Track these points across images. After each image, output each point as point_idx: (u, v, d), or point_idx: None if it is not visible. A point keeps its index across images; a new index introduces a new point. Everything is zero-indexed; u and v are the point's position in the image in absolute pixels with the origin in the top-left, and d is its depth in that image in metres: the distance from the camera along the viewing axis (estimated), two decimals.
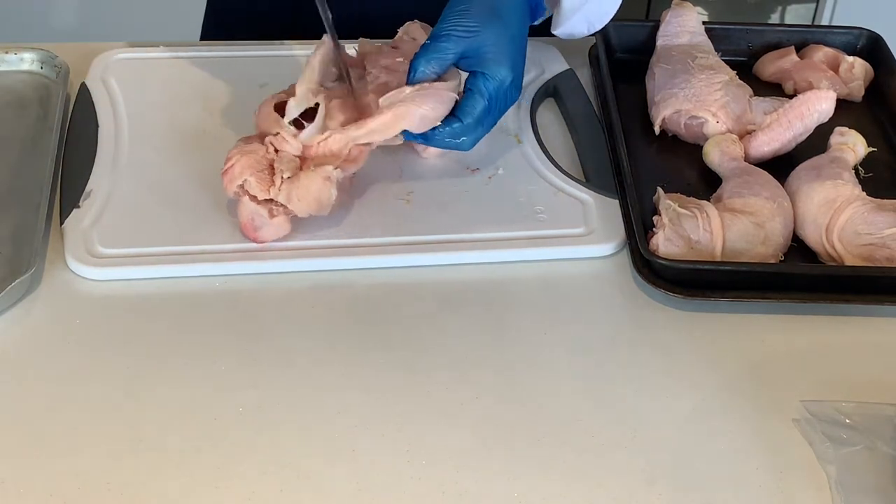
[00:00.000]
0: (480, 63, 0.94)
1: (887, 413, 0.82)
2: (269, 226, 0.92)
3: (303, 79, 0.95)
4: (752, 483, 0.78)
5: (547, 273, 0.94)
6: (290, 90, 0.96)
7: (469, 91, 0.94)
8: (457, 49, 0.93)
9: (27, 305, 0.89)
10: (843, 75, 1.13)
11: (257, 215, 0.92)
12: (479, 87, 0.93)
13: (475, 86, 0.94)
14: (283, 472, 0.77)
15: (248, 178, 0.91)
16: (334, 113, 0.94)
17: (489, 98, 0.94)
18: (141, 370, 0.84)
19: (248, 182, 0.91)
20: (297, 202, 0.91)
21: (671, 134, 1.08)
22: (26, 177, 0.99)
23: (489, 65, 0.93)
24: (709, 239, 0.92)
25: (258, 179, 0.91)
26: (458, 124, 0.93)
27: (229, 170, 0.91)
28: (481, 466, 0.78)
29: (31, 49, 1.12)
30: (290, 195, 0.90)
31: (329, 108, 0.94)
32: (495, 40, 0.94)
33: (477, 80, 0.94)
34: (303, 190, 0.90)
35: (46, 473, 0.77)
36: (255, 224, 0.92)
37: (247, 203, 0.92)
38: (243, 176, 0.91)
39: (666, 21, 1.15)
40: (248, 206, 0.92)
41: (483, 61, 0.93)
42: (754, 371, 0.86)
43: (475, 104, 0.93)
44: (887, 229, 0.92)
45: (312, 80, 0.96)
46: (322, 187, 0.91)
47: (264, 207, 0.91)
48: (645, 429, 0.82)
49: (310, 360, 0.86)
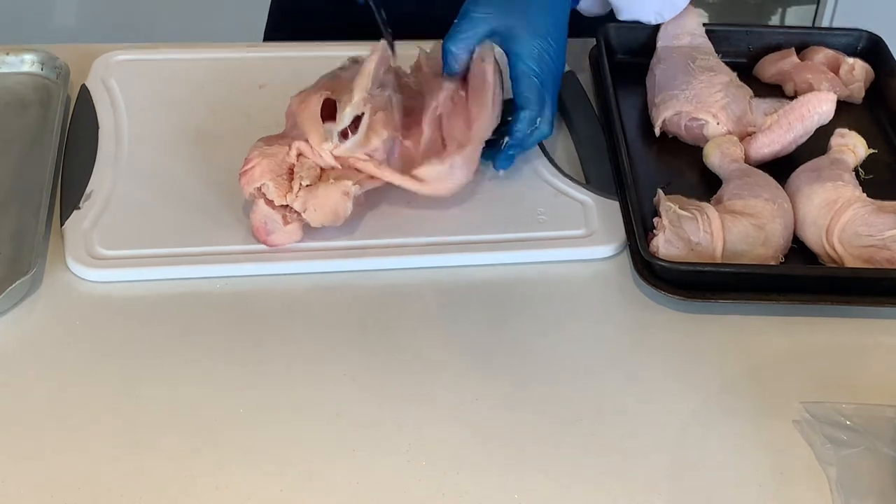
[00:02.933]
0: (512, 39, 0.93)
1: (887, 414, 0.82)
2: (281, 231, 0.91)
3: (359, 84, 0.92)
4: (752, 484, 0.78)
5: (547, 275, 0.94)
6: (329, 85, 0.94)
7: (515, 77, 0.94)
8: (485, 27, 0.93)
9: (27, 306, 0.89)
10: (844, 77, 1.13)
11: (270, 220, 0.91)
12: (522, 69, 0.93)
13: (517, 68, 0.93)
14: (283, 472, 0.77)
15: (267, 183, 0.89)
16: (378, 127, 0.92)
17: (537, 75, 0.93)
18: (140, 371, 0.84)
19: (266, 186, 0.90)
20: (313, 212, 0.90)
21: (671, 135, 1.08)
22: (27, 178, 0.99)
23: (520, 41, 0.92)
24: (709, 240, 0.92)
25: (276, 185, 0.89)
26: (527, 113, 0.93)
27: (249, 171, 0.90)
28: (481, 466, 0.78)
29: (32, 50, 1.12)
30: (307, 204, 0.90)
31: (373, 121, 0.92)
32: (524, 11, 0.92)
33: (516, 62, 0.93)
34: (320, 201, 0.90)
35: (46, 473, 0.77)
36: (268, 228, 0.91)
37: (262, 206, 0.91)
38: (262, 179, 0.90)
39: (666, 22, 1.15)
40: (262, 210, 0.91)
41: (513, 37, 0.92)
42: (755, 372, 0.86)
43: (529, 86, 0.93)
44: (888, 231, 0.92)
45: (368, 86, 0.93)
46: (339, 201, 0.90)
47: (278, 213, 0.90)
48: (645, 430, 0.82)
49: (310, 360, 0.86)
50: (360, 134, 0.91)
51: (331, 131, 0.91)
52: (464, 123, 0.95)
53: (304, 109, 0.93)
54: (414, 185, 0.93)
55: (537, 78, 0.93)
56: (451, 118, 0.96)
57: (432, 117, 0.96)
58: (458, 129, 0.95)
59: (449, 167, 0.93)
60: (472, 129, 0.95)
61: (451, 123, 0.96)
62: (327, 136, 0.91)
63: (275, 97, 1.09)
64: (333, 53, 1.15)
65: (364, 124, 0.92)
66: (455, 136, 0.95)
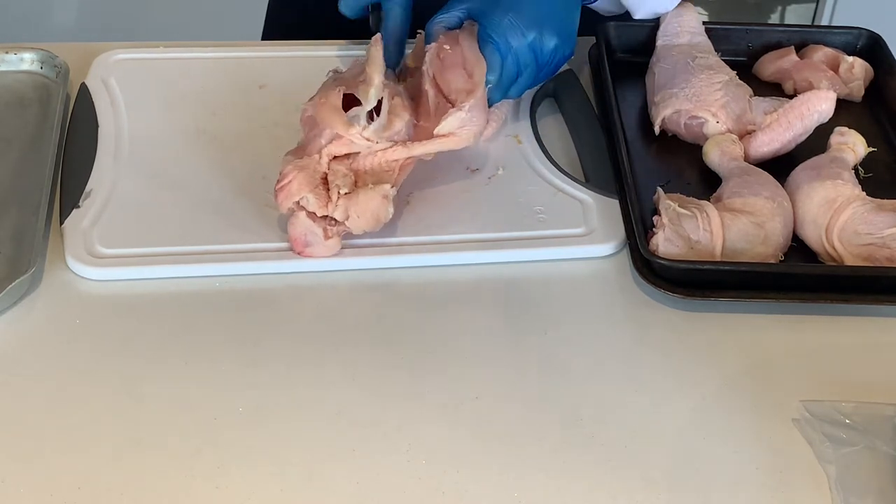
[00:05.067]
0: (483, 15, 0.98)
1: (887, 413, 0.82)
2: (321, 245, 0.91)
3: (374, 68, 0.92)
4: (751, 483, 0.78)
5: (546, 273, 0.94)
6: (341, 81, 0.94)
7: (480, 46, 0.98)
8: (461, 9, 0.99)
9: (27, 305, 0.89)
10: (843, 75, 1.13)
11: (311, 232, 0.90)
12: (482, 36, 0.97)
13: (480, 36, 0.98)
14: (283, 472, 0.77)
15: (307, 195, 0.89)
16: (398, 110, 0.93)
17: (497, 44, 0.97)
18: (141, 370, 0.84)
19: (306, 199, 0.89)
20: (356, 219, 0.90)
21: (671, 134, 1.08)
22: (26, 177, 0.99)
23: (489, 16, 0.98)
24: (709, 239, 0.92)
25: (316, 196, 0.89)
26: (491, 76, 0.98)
27: (286, 186, 0.89)
28: (481, 466, 0.78)
29: (31, 49, 1.12)
30: (348, 211, 0.89)
31: (392, 105, 0.93)
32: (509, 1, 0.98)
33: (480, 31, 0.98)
34: (361, 207, 0.89)
35: (46, 473, 0.77)
36: (307, 240, 0.91)
37: (303, 219, 0.90)
38: (301, 193, 0.89)
39: (666, 21, 1.15)
40: (303, 223, 0.90)
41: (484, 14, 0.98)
42: (754, 371, 0.86)
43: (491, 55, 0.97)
44: (887, 229, 0.92)
45: (383, 69, 0.93)
46: (380, 205, 0.90)
47: (319, 225, 0.90)
48: (644, 428, 0.82)
49: (310, 360, 0.86)
50: (383, 117, 0.92)
51: (356, 116, 0.91)
52: (461, 73, 0.97)
53: (324, 105, 0.92)
54: (441, 143, 0.94)
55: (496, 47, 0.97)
56: (444, 72, 0.97)
57: (429, 79, 0.97)
58: (459, 79, 0.96)
59: (466, 113, 0.93)
60: (474, 75, 0.96)
61: (448, 77, 0.97)
62: (353, 122, 0.91)
63: (275, 97, 1.10)
64: (334, 53, 1.16)
65: (385, 108, 0.92)
66: (460, 87, 0.96)
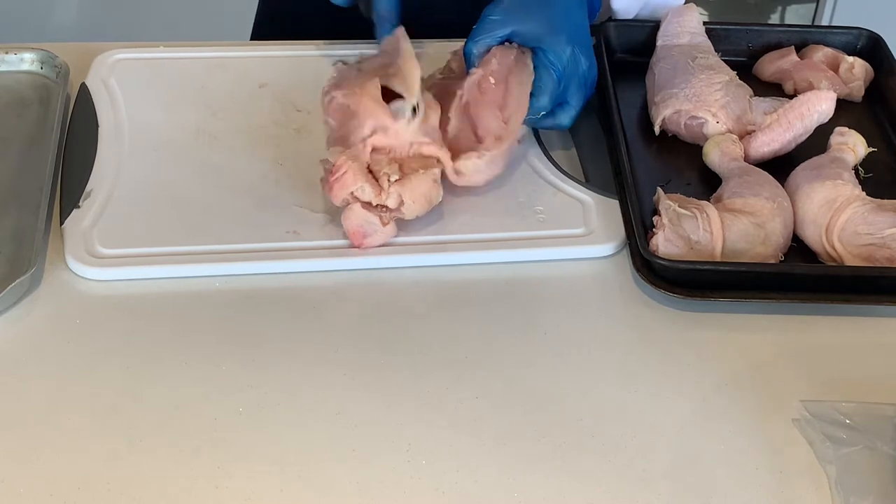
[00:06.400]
0: (536, 39, 0.98)
1: (887, 413, 0.82)
2: (379, 232, 0.91)
3: (412, 63, 0.93)
4: (751, 483, 0.78)
5: (547, 273, 0.94)
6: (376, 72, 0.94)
7: (536, 68, 0.98)
8: (504, 29, 0.97)
9: (27, 305, 0.89)
10: (843, 75, 1.13)
11: (367, 223, 0.91)
12: (543, 61, 0.97)
13: (539, 61, 0.98)
14: (283, 472, 0.77)
15: (363, 185, 0.89)
16: (433, 105, 0.94)
17: (557, 70, 0.97)
18: (141, 370, 0.84)
19: (361, 189, 0.89)
20: (412, 204, 0.90)
21: (671, 134, 1.08)
22: (26, 177, 0.99)
23: (545, 38, 0.97)
24: (709, 239, 0.92)
25: (371, 185, 0.89)
26: (535, 101, 0.97)
27: (342, 178, 0.89)
28: (481, 466, 0.78)
29: (32, 49, 1.12)
30: (403, 197, 0.90)
31: (426, 101, 0.94)
32: (544, 14, 0.98)
33: (538, 55, 0.98)
34: (415, 192, 0.90)
35: (46, 473, 0.77)
36: (365, 231, 0.91)
37: (358, 210, 0.90)
38: (357, 183, 0.89)
39: (666, 21, 1.15)
40: (359, 214, 0.90)
41: (535, 37, 0.97)
42: (754, 371, 0.86)
43: (546, 80, 0.97)
44: (887, 229, 0.92)
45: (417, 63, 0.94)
46: (432, 188, 0.92)
47: (375, 214, 0.90)
48: (645, 429, 0.82)
49: (310, 360, 0.86)
50: (422, 112, 0.92)
51: (400, 109, 0.91)
52: (497, 115, 0.97)
53: (363, 96, 0.92)
54: (452, 176, 0.95)
55: (557, 75, 0.98)
56: (479, 107, 0.97)
57: (458, 105, 0.97)
58: (493, 121, 0.97)
59: (488, 161, 0.95)
60: (510, 123, 0.97)
61: (482, 113, 0.97)
62: (398, 114, 0.91)
63: (275, 97, 1.10)
64: (334, 53, 1.15)
65: (422, 103, 0.93)
66: (491, 129, 0.96)
